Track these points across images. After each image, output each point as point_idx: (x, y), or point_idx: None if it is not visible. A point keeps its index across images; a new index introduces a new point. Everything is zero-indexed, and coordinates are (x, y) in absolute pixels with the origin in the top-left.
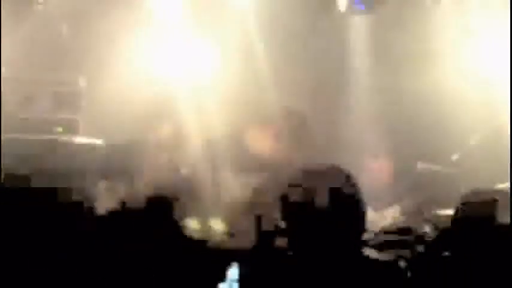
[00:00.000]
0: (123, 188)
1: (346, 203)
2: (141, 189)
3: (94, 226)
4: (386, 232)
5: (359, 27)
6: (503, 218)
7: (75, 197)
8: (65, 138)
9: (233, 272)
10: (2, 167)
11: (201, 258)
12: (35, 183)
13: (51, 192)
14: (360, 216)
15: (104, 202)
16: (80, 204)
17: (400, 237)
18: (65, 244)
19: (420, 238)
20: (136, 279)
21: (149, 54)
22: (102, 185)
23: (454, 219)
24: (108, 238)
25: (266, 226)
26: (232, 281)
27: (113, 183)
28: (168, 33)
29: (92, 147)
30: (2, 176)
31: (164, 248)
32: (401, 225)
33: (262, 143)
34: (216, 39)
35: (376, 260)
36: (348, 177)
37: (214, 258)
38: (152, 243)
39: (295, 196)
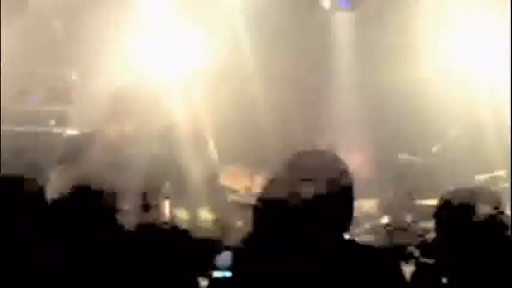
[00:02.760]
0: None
1: (340, 188)
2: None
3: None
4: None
5: (342, 23)
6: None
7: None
8: (57, 130)
9: (224, 259)
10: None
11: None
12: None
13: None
14: (351, 201)
15: None
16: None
17: None
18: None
19: (402, 228)
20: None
21: (139, 49)
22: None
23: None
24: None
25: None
26: (224, 268)
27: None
28: (158, 29)
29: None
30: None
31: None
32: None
33: None
34: (205, 34)
35: (366, 246)
36: (342, 163)
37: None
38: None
39: (290, 181)
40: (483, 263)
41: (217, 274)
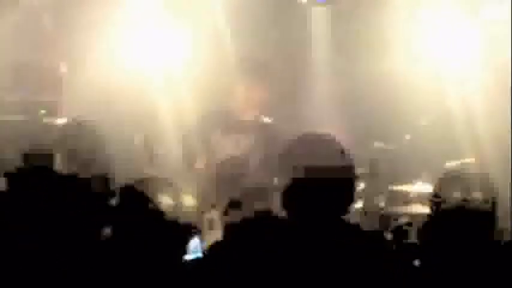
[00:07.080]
0: None
1: (340, 171)
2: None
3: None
4: None
5: (319, 17)
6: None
7: None
8: (47, 119)
9: (196, 243)
10: None
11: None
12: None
13: None
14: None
15: None
16: None
17: None
18: None
19: (375, 212)
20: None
21: (125, 43)
22: None
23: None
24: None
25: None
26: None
27: None
28: (144, 23)
29: None
30: None
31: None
32: None
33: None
34: (188, 29)
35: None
36: (341, 146)
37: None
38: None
39: (289, 163)
40: (455, 247)
41: (189, 257)
